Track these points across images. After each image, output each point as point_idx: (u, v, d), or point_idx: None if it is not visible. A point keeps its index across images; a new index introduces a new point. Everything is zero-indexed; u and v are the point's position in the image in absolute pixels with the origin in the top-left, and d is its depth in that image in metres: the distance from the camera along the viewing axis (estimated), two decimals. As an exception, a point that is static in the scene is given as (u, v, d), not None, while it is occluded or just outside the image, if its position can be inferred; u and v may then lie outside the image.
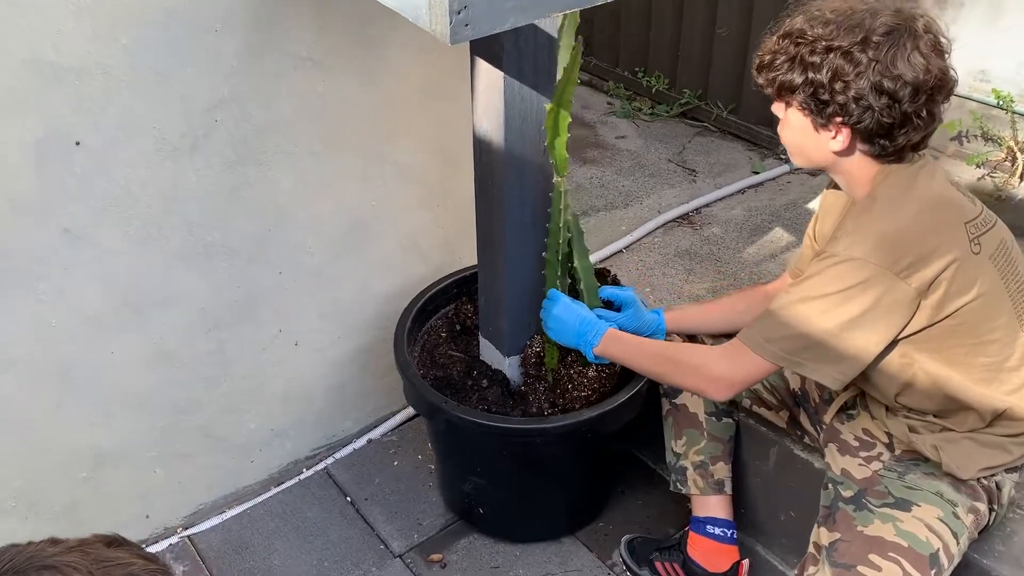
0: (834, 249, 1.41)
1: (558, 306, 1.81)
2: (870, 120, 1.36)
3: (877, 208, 1.42)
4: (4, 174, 1.55)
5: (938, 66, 1.35)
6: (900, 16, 1.36)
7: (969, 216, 1.42)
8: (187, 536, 2.16)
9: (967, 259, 1.39)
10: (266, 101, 1.80)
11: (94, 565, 0.92)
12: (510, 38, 1.54)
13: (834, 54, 1.34)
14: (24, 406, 1.78)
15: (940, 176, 1.46)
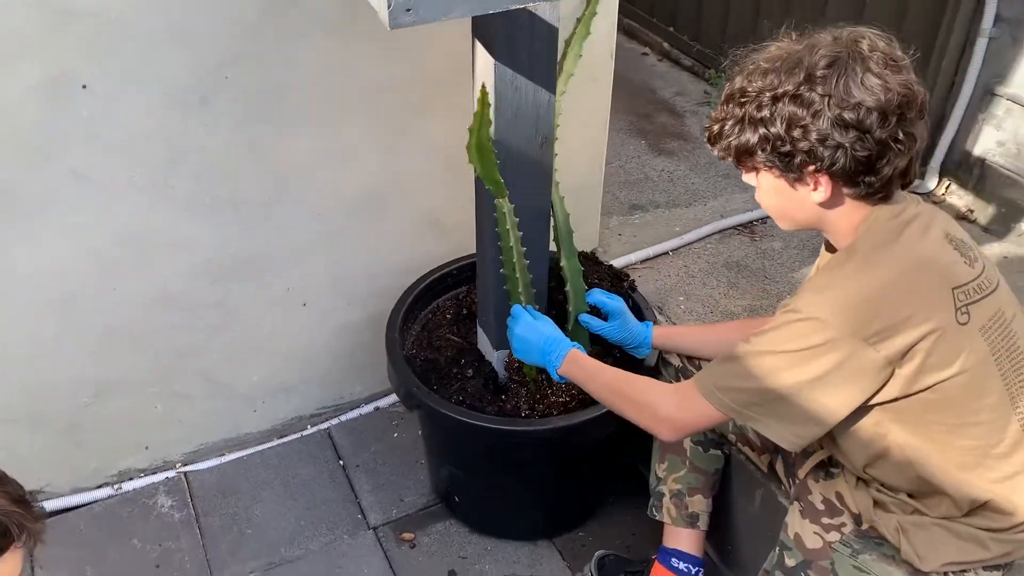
0: (797, 304, 1.27)
1: (520, 324, 1.73)
2: (844, 159, 1.22)
3: (851, 265, 1.27)
4: (13, 110, 1.61)
5: (898, 82, 1.20)
6: (840, 43, 1.23)
7: (959, 281, 1.26)
8: (184, 472, 2.25)
9: (950, 329, 1.23)
10: (285, 61, 1.79)
11: None
12: (500, 22, 1.46)
13: (782, 102, 1.22)
14: (27, 331, 1.88)
15: (935, 231, 1.30)
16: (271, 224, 1.99)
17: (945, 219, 1.35)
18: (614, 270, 2.10)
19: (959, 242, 1.32)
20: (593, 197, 2.47)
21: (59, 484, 2.14)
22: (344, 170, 2.00)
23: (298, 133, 1.89)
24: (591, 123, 2.32)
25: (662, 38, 3.89)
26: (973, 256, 1.31)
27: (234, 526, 2.12)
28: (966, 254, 1.30)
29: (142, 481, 2.22)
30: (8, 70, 1.57)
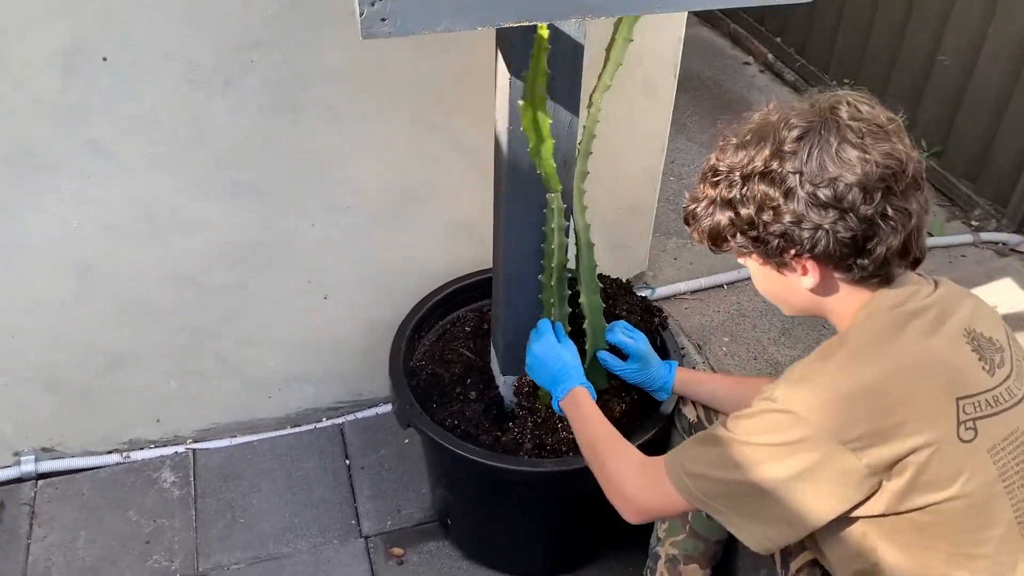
0: (775, 393, 1.11)
1: (541, 341, 1.60)
2: (827, 241, 1.07)
3: (839, 356, 1.10)
4: (33, 76, 1.59)
5: (881, 152, 1.05)
6: (815, 110, 1.08)
7: (969, 390, 1.07)
8: (193, 448, 2.23)
9: (949, 445, 1.05)
10: (310, 50, 1.72)
11: None
12: (517, 35, 1.33)
13: (752, 181, 1.09)
14: (44, 293, 1.88)
15: (951, 326, 1.11)
16: (293, 214, 1.93)
17: (973, 310, 1.17)
18: (646, 303, 1.94)
19: (984, 341, 1.13)
20: (644, 219, 2.31)
21: (71, 444, 2.16)
22: (372, 165, 1.91)
23: (324, 124, 1.82)
24: (647, 141, 2.16)
25: (767, 48, 3.64)
26: (999, 360, 1.12)
27: (229, 512, 2.09)
28: (989, 357, 1.11)
29: (150, 453, 2.21)
30: (30, 36, 1.54)
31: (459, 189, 2.02)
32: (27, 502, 2.09)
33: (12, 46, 1.54)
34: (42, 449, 2.15)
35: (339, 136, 1.85)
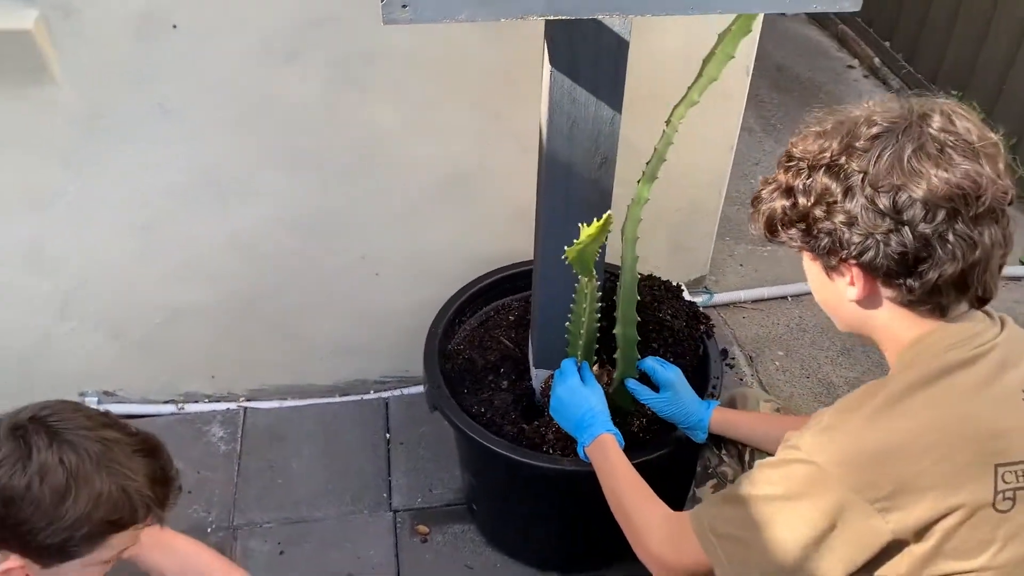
0: (801, 441, 1.04)
1: (565, 385, 1.55)
2: (875, 251, 0.99)
3: (874, 404, 1.02)
4: (106, 38, 1.66)
5: (961, 171, 0.96)
6: (903, 112, 1.00)
7: (1012, 457, 0.98)
8: (244, 407, 2.31)
9: (983, 513, 0.97)
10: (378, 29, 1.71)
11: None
12: (562, 29, 1.31)
13: (818, 172, 1.02)
14: (111, 247, 1.97)
15: (1011, 378, 1.02)
16: (350, 189, 1.96)
17: None
18: (693, 309, 1.89)
19: None
20: (707, 221, 2.24)
21: (131, 391, 2.27)
22: (430, 147, 1.93)
23: (386, 103, 1.84)
24: (714, 142, 2.10)
25: (874, 52, 3.47)
26: None
27: (269, 472, 2.16)
28: None
29: (204, 407, 2.31)
30: (101, 1, 1.61)
31: (514, 177, 2.00)
32: (87, 440, 2.22)
33: (86, 10, 1.61)
34: (104, 392, 2.27)
35: (400, 115, 1.86)
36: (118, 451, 1.13)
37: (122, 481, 1.11)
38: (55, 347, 2.13)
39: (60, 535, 1.09)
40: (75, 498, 1.08)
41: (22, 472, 1.08)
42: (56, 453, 1.09)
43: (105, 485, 1.10)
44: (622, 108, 1.43)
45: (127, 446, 1.15)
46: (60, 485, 1.08)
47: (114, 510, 1.10)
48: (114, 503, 1.10)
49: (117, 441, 1.14)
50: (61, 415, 1.14)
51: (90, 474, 1.09)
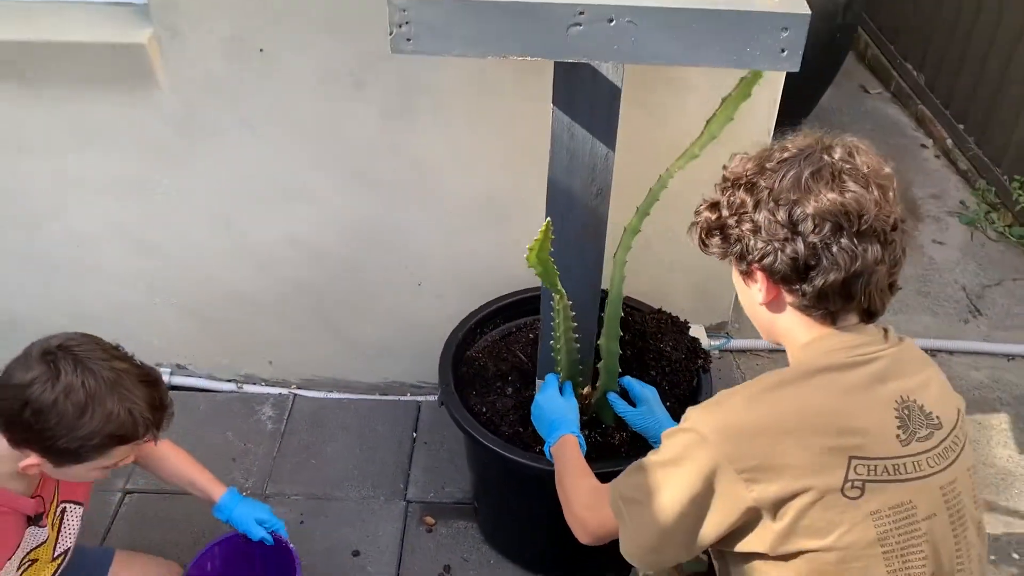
0: (690, 413, 1.20)
1: (545, 394, 1.76)
2: (774, 257, 1.14)
3: (757, 388, 1.17)
4: (204, 56, 1.97)
5: (850, 194, 1.10)
6: (812, 142, 1.15)
7: (868, 452, 1.10)
8: (295, 393, 2.58)
9: (832, 497, 1.09)
10: (430, 66, 1.98)
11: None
12: (561, 68, 1.52)
13: (738, 188, 1.18)
14: (194, 234, 2.28)
15: (888, 389, 1.14)
16: (398, 204, 2.21)
17: (924, 381, 1.19)
18: (695, 344, 2.03)
19: (917, 413, 1.15)
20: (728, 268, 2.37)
21: (199, 366, 2.57)
22: (471, 172, 2.15)
23: (434, 131, 2.08)
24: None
25: (948, 133, 3.52)
26: (926, 435, 1.14)
27: (305, 452, 2.41)
28: (913, 428, 1.14)
29: (260, 389, 2.58)
30: (202, 25, 1.93)
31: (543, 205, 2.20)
32: (156, 405, 2.52)
33: (190, 32, 1.93)
34: (177, 365, 2.58)
35: (445, 142, 2.10)
36: (127, 379, 1.39)
37: (129, 404, 1.37)
38: (140, 319, 2.46)
39: (76, 442, 1.35)
40: (92, 415, 1.34)
41: (51, 389, 1.34)
42: (79, 376, 1.35)
43: (115, 406, 1.35)
44: (615, 146, 1.62)
45: (135, 376, 1.40)
46: (80, 402, 1.34)
47: (121, 427, 1.36)
48: (121, 421, 1.36)
49: (127, 371, 1.40)
50: (83, 346, 1.40)
51: (104, 396, 1.35)
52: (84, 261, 2.33)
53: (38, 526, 1.54)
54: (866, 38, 4.38)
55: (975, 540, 1.19)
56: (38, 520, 1.53)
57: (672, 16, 1.21)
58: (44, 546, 1.58)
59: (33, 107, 2.05)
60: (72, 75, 1.99)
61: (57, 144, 2.11)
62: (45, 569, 1.59)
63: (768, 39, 1.22)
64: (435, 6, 1.23)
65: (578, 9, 1.22)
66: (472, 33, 1.25)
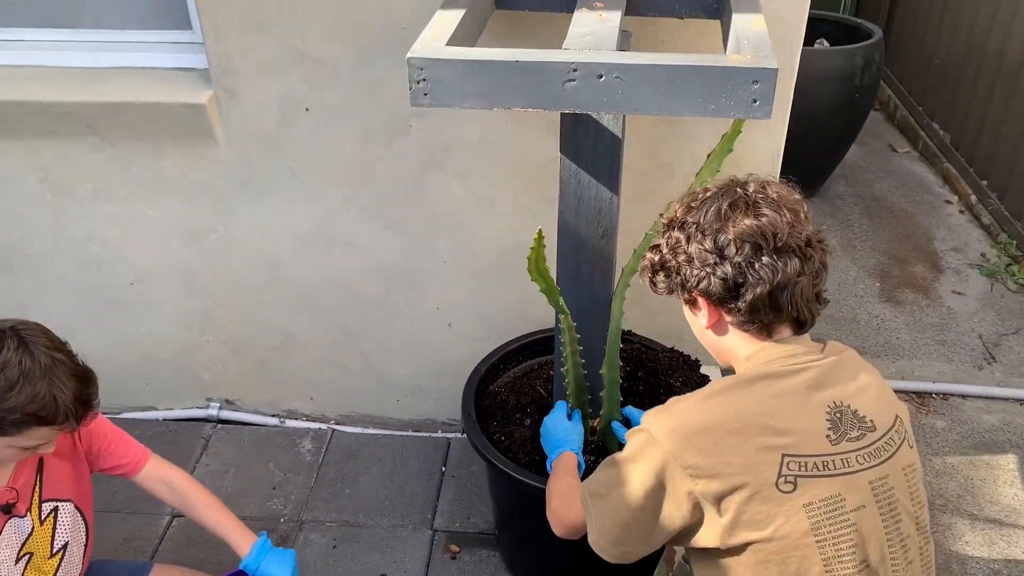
0: (646, 417, 1.33)
1: (553, 416, 1.91)
2: (708, 281, 1.29)
3: (703, 393, 1.30)
4: (257, 114, 2.21)
5: (765, 217, 1.26)
6: (729, 181, 1.33)
7: (800, 450, 1.22)
8: (333, 428, 2.74)
9: (766, 492, 1.21)
10: (454, 125, 2.18)
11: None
12: (567, 119, 1.69)
13: (672, 229, 1.36)
14: (244, 277, 2.49)
15: (822, 394, 1.26)
16: (428, 250, 2.39)
17: (859, 388, 1.30)
18: (705, 381, 2.15)
19: (849, 416, 1.26)
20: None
21: (245, 402, 2.76)
22: (492, 220, 2.33)
23: (458, 182, 2.27)
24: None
25: (972, 189, 3.60)
26: (856, 435, 1.25)
27: (340, 483, 2.55)
28: (844, 430, 1.25)
29: (301, 424, 2.75)
30: (256, 88, 2.16)
31: (568, 254, 2.37)
32: (205, 437, 2.71)
33: (246, 94, 2.17)
34: (226, 400, 2.77)
35: (469, 193, 2.29)
36: (61, 369, 1.49)
37: (56, 391, 1.47)
38: (194, 356, 2.66)
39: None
40: (19, 391, 1.45)
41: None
42: (18, 355, 1.46)
43: (43, 389, 1.45)
44: (620, 191, 1.78)
45: (69, 368, 1.51)
46: (12, 379, 1.44)
47: (43, 408, 1.46)
48: (44, 403, 1.46)
49: (63, 363, 1.51)
50: (32, 332, 1.52)
51: (36, 378, 1.45)
52: (144, 300, 2.55)
53: (18, 517, 1.64)
54: (895, 99, 4.51)
55: (911, 532, 1.29)
56: (9, 510, 1.62)
57: (654, 72, 1.38)
58: (39, 541, 1.68)
59: (109, 159, 2.30)
60: (142, 131, 2.24)
61: (127, 192, 2.35)
62: (45, 564, 1.69)
63: (740, 91, 1.37)
64: (448, 65, 1.42)
65: (572, 66, 1.39)
66: (481, 88, 1.43)
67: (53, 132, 2.26)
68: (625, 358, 2.13)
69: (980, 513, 2.21)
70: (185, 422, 2.77)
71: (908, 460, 1.31)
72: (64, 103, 2.21)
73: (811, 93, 3.33)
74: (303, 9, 2.05)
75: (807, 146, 3.30)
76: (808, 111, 3.25)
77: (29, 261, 2.50)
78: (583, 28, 1.53)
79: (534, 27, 1.99)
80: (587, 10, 1.62)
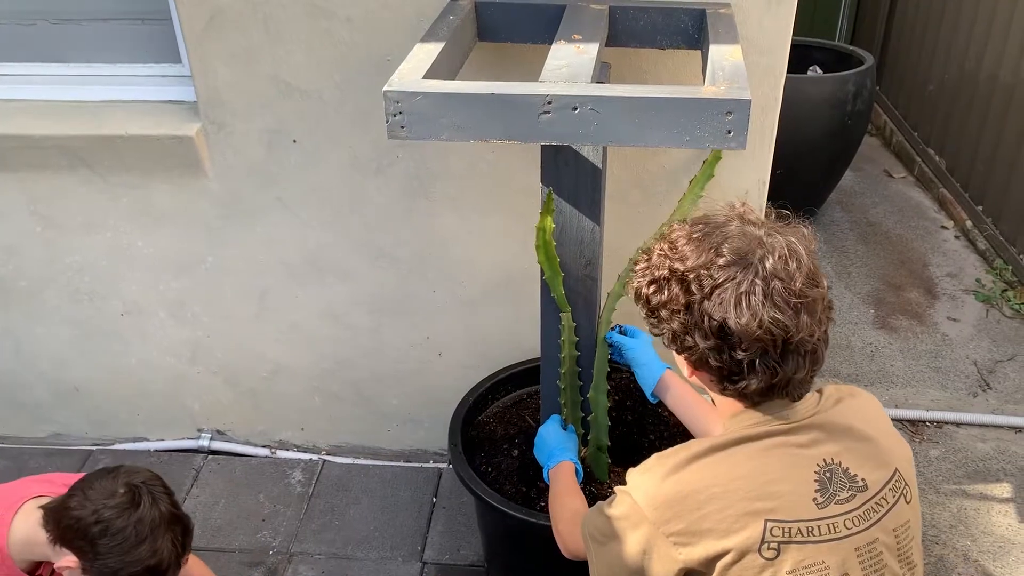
0: (630, 476, 1.29)
1: (548, 427, 1.90)
2: (699, 358, 1.22)
3: (679, 458, 1.24)
4: (245, 146, 2.22)
5: (772, 317, 1.15)
6: (749, 243, 1.19)
7: (783, 516, 1.18)
8: (324, 459, 2.73)
9: (750, 558, 1.17)
10: (441, 155, 2.19)
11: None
12: (548, 151, 1.69)
13: (674, 279, 1.23)
14: (234, 307, 2.49)
15: (812, 454, 1.21)
16: (418, 279, 2.39)
17: (856, 445, 1.24)
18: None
19: (841, 476, 1.21)
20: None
21: (237, 432, 2.75)
22: (482, 250, 2.33)
23: (447, 212, 2.27)
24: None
25: (967, 215, 3.60)
26: (847, 497, 1.20)
27: (330, 514, 2.54)
28: (833, 491, 1.20)
29: (291, 454, 2.74)
30: (244, 120, 2.18)
31: (556, 283, 2.36)
32: (196, 468, 2.70)
33: (236, 124, 2.18)
34: (217, 431, 2.76)
35: (458, 223, 2.29)
36: (178, 526, 1.61)
37: (170, 546, 1.58)
38: (184, 386, 2.66)
39: (119, 565, 1.55)
40: (144, 547, 1.54)
41: (127, 517, 1.55)
42: (151, 513, 1.56)
43: (163, 545, 1.56)
44: (602, 221, 1.78)
45: (182, 524, 1.63)
46: (143, 535, 1.54)
47: (160, 563, 1.56)
48: (161, 558, 1.56)
49: (180, 518, 1.62)
50: (155, 485, 1.62)
51: (160, 536, 1.56)
52: (135, 331, 2.56)
53: None
54: (891, 125, 4.52)
55: None
56: None
57: (629, 104, 1.38)
58: None
59: (99, 191, 2.31)
60: (131, 164, 2.26)
61: (117, 223, 2.36)
62: None
63: (715, 122, 1.37)
64: (424, 98, 1.43)
65: (547, 99, 1.40)
66: (457, 120, 1.44)
67: (44, 165, 2.28)
68: (613, 387, 2.12)
69: (973, 544, 2.18)
70: (176, 453, 2.76)
71: (902, 519, 1.26)
72: (55, 136, 2.23)
73: (804, 120, 3.34)
74: (290, 42, 2.07)
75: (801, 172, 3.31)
76: (801, 138, 3.26)
77: (21, 293, 2.51)
78: (559, 60, 1.54)
79: (519, 58, 2.00)
80: (565, 42, 1.63)
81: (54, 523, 1.57)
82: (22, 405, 2.75)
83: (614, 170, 2.14)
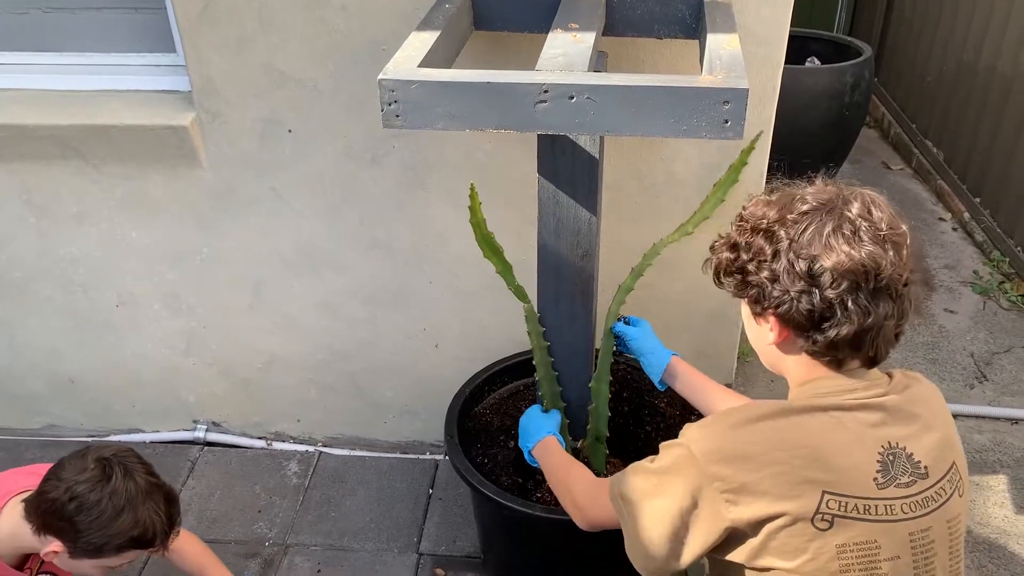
0: (687, 430, 1.27)
1: (528, 414, 1.91)
2: (790, 306, 1.20)
3: (747, 415, 1.23)
4: (239, 136, 2.20)
5: (867, 252, 1.15)
6: (830, 194, 1.20)
7: (842, 490, 1.17)
8: (320, 451, 2.72)
9: (802, 525, 1.16)
10: (437, 145, 2.18)
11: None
12: (544, 140, 1.68)
13: (757, 234, 1.23)
14: (228, 298, 2.48)
15: (877, 434, 1.20)
16: (415, 271, 2.38)
17: (923, 431, 1.23)
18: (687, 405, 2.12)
19: (904, 460, 1.20)
20: (730, 331, 2.47)
21: (232, 424, 2.74)
22: (480, 242, 2.32)
23: (443, 202, 2.26)
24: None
25: (965, 207, 3.59)
26: (907, 482, 1.19)
27: (326, 506, 2.53)
28: (894, 474, 1.19)
29: (287, 446, 2.74)
30: (238, 109, 2.16)
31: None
32: (192, 460, 2.69)
33: (230, 113, 2.16)
34: (212, 423, 2.75)
35: (455, 213, 2.28)
36: (158, 493, 1.59)
37: (153, 516, 1.57)
38: (179, 378, 2.65)
39: (102, 540, 1.54)
40: (124, 518, 1.53)
41: (100, 490, 1.54)
42: (124, 483, 1.55)
43: (144, 515, 1.55)
44: (599, 212, 1.77)
45: (163, 491, 1.61)
46: (119, 506, 1.53)
47: (144, 533, 1.55)
48: (145, 528, 1.55)
49: (159, 485, 1.61)
50: (129, 457, 1.61)
51: (139, 504, 1.55)
52: (129, 322, 2.54)
53: None
54: (889, 117, 4.51)
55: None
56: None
57: (626, 92, 1.37)
58: None
59: (93, 182, 2.29)
60: (125, 154, 2.24)
61: (111, 214, 2.35)
62: None
63: (712, 111, 1.36)
64: (419, 86, 1.41)
65: (543, 87, 1.38)
66: (452, 110, 1.42)
67: (38, 155, 2.26)
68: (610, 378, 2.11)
69: (969, 535, 2.17)
70: (172, 444, 2.75)
71: (955, 511, 1.25)
72: (48, 126, 2.21)
73: (802, 111, 3.33)
74: (284, 30, 2.05)
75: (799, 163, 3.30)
76: (799, 129, 3.26)
77: (15, 284, 2.50)
78: (556, 49, 1.53)
79: (516, 47, 1.99)
80: (561, 31, 1.62)
81: (34, 512, 1.57)
82: (17, 397, 2.74)
83: (611, 160, 2.13)
